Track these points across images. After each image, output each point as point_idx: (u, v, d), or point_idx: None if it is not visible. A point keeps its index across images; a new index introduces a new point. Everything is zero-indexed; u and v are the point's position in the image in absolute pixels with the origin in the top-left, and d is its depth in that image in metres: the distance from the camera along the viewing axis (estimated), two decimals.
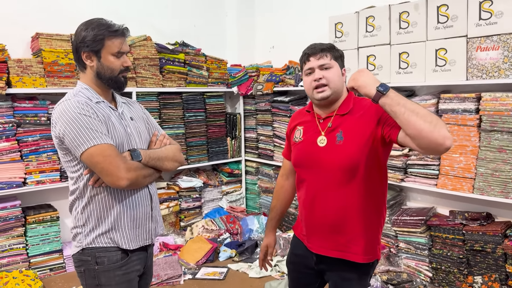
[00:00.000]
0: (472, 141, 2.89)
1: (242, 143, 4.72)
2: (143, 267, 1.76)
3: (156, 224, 1.78)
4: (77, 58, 1.64)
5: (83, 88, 1.64)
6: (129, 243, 1.65)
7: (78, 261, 1.66)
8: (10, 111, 3.24)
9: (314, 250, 1.74)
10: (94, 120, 1.55)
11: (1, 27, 3.35)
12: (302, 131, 1.78)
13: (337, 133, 1.67)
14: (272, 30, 4.69)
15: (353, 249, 1.66)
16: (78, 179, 1.63)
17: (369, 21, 3.39)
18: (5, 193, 3.23)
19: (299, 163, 1.77)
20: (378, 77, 3.34)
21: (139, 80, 3.88)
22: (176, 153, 1.77)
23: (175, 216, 4.24)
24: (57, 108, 1.58)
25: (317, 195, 1.70)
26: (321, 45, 1.72)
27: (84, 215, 1.64)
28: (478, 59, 2.80)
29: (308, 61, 1.71)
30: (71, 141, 1.53)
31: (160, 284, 3.27)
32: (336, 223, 1.67)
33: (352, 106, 1.71)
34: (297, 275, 1.90)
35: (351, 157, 1.62)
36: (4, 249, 3.24)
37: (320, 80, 1.66)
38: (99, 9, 3.85)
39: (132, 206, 1.66)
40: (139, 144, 1.71)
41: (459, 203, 3.19)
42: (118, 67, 1.64)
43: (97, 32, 1.59)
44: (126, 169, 1.54)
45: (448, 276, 3.05)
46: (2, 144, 3.19)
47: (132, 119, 1.74)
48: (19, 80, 3.22)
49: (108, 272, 1.63)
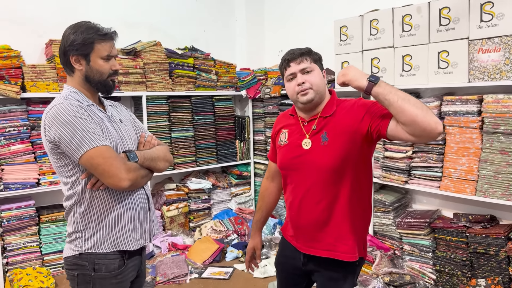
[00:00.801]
0: (474, 143, 2.88)
1: (251, 145, 4.78)
2: (136, 272, 1.78)
3: (153, 224, 1.81)
4: (65, 61, 1.63)
5: (72, 92, 1.64)
6: (130, 244, 1.67)
7: (72, 265, 1.65)
8: (25, 115, 3.39)
9: (303, 250, 1.76)
10: (90, 123, 1.55)
11: (18, 35, 3.52)
12: (287, 134, 1.81)
13: (322, 135, 1.69)
14: (280, 34, 4.75)
15: (341, 248, 1.68)
16: (74, 183, 1.61)
17: (373, 24, 3.41)
18: (20, 193, 3.37)
19: (285, 166, 1.80)
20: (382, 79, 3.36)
21: (149, 84, 3.98)
22: (167, 153, 1.81)
23: (185, 217, 4.33)
24: (49, 113, 1.55)
25: (304, 197, 1.72)
26: (299, 49, 1.74)
27: (84, 220, 1.63)
28: (480, 61, 2.80)
29: (289, 67, 1.73)
30: (68, 144, 1.51)
31: (166, 282, 3.35)
32: (323, 223, 1.69)
33: (336, 108, 1.73)
34: (285, 276, 1.93)
35: (337, 157, 1.64)
36: (18, 247, 3.38)
37: (303, 85, 1.68)
38: (111, 16, 3.99)
39: (131, 207, 1.68)
40: (131, 146, 1.72)
41: (464, 206, 3.18)
42: (107, 70, 1.65)
43: (86, 36, 1.59)
44: (127, 170, 1.56)
45: (452, 279, 3.04)
46: (17, 146, 3.33)
47: (121, 121, 1.76)
48: (33, 85, 3.36)
49: (103, 280, 1.63)
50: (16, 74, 3.28)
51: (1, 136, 3.28)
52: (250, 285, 3.30)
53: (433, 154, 3.11)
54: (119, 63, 3.71)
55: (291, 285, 1.92)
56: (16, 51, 3.29)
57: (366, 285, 3.05)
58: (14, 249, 3.36)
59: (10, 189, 3.32)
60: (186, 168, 4.31)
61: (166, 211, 4.14)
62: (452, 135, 2.99)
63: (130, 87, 3.87)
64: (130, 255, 1.70)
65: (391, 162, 3.34)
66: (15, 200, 3.42)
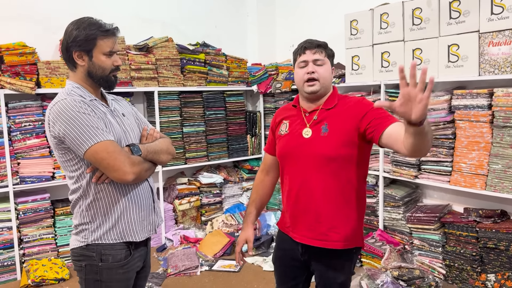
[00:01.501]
0: (484, 137, 2.85)
1: (262, 140, 4.80)
2: (142, 263, 1.82)
3: (157, 216, 1.85)
4: (68, 57, 1.65)
5: (74, 87, 1.65)
6: (136, 235, 1.71)
7: (80, 256, 1.68)
8: (40, 110, 3.47)
9: (299, 239, 1.79)
10: (93, 118, 1.57)
11: (33, 32, 3.60)
12: (288, 124, 1.84)
13: (322, 125, 1.73)
14: (291, 29, 4.75)
15: (333, 237, 1.72)
16: (79, 177, 1.64)
17: (383, 18, 3.40)
18: (35, 186, 3.46)
19: (284, 154, 1.83)
20: (392, 74, 3.36)
21: (161, 80, 4.04)
22: (169, 146, 1.83)
23: (196, 210, 4.39)
24: (53, 109, 1.57)
25: (302, 186, 1.75)
26: (317, 41, 1.79)
27: (90, 212, 1.65)
28: (490, 54, 2.77)
29: (304, 54, 1.77)
30: (73, 140, 1.54)
31: (177, 274, 3.41)
32: (318, 212, 1.73)
33: (337, 102, 1.78)
34: (284, 269, 1.94)
35: (335, 148, 1.68)
36: (34, 239, 3.47)
37: (312, 74, 1.73)
38: (124, 13, 4.05)
39: (136, 200, 1.72)
40: (134, 140, 1.74)
41: (474, 200, 3.16)
42: (110, 66, 1.66)
43: (88, 32, 1.60)
44: (131, 164, 1.58)
45: (462, 274, 3.03)
46: (32, 141, 3.43)
47: (124, 115, 1.79)
48: (47, 80, 3.44)
49: (110, 270, 1.66)
50: (31, 70, 3.37)
51: (17, 131, 3.37)
52: (260, 278, 3.34)
53: (443, 148, 3.09)
54: (131, 59, 3.82)
55: (291, 279, 1.92)
56: (31, 48, 3.38)
57: (375, 279, 3.05)
58: (30, 240, 3.45)
59: (26, 182, 3.41)
60: (198, 163, 4.36)
61: (178, 205, 4.20)
62: (462, 130, 2.97)
63: (142, 83, 3.93)
64: (136, 245, 1.74)
65: (401, 157, 3.33)
66: (30, 193, 3.52)
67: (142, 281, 1.90)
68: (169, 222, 4.20)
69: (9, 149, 3.31)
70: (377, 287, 2.99)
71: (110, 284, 1.68)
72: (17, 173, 3.38)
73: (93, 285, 1.68)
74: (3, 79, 3.25)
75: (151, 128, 1.87)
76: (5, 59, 3.28)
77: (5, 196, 3.39)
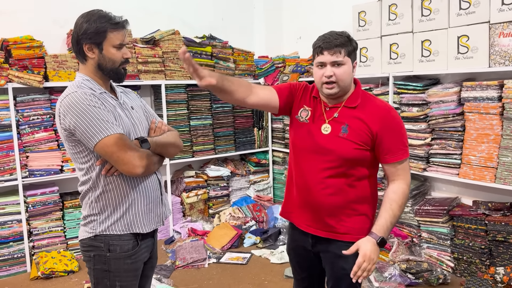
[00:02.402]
0: (494, 129, 2.82)
1: (269, 133, 4.79)
2: (149, 253, 1.84)
3: (165, 208, 1.86)
4: (78, 50, 1.66)
5: (84, 80, 1.66)
6: (144, 227, 1.73)
7: (88, 246, 1.70)
8: (48, 103, 3.49)
9: (304, 228, 1.80)
10: (103, 111, 1.59)
11: (41, 25, 3.61)
12: (310, 113, 1.79)
13: (343, 125, 1.70)
14: (299, 21, 4.71)
15: (342, 230, 1.73)
16: (89, 169, 1.66)
17: (391, 9, 3.36)
18: (44, 179, 3.49)
19: (300, 145, 1.80)
20: (400, 66, 3.33)
21: (167, 73, 4.03)
22: (177, 139, 1.84)
23: (204, 203, 4.40)
24: (63, 101, 1.59)
25: (313, 181, 1.74)
26: (336, 39, 1.67)
27: (99, 204, 1.67)
28: (501, 46, 2.73)
29: (322, 55, 1.69)
30: (83, 133, 1.55)
31: (186, 266, 3.43)
32: (327, 207, 1.72)
33: (360, 101, 1.73)
34: (298, 260, 1.95)
35: (352, 150, 1.67)
36: (44, 231, 3.51)
37: (330, 78, 1.67)
38: (130, 5, 4.04)
39: (144, 192, 1.73)
40: (142, 133, 1.75)
41: (484, 193, 3.13)
42: (119, 59, 1.67)
43: (99, 25, 1.61)
44: (140, 157, 1.60)
45: (470, 267, 3.01)
46: (41, 134, 3.45)
47: (133, 108, 1.80)
48: (55, 74, 3.45)
49: (118, 260, 1.68)
50: (38, 64, 3.38)
51: (26, 124, 3.39)
52: (267, 270, 3.34)
53: (452, 141, 3.06)
54: (138, 52, 3.82)
55: (306, 269, 1.93)
56: (39, 42, 3.39)
57: (383, 272, 3.05)
58: (40, 233, 3.49)
59: (35, 175, 3.44)
60: (205, 156, 4.37)
61: (186, 198, 4.21)
62: (471, 122, 2.94)
63: (149, 76, 3.93)
64: (143, 236, 1.75)
65: (409, 149, 3.29)
66: (40, 186, 3.54)
67: (149, 271, 1.92)
68: (177, 215, 4.21)
69: (17, 143, 3.33)
70: (385, 279, 2.99)
71: (118, 274, 1.70)
72: (26, 166, 3.41)
73: (101, 275, 1.70)
74: (11, 73, 3.26)
75: (159, 121, 1.87)
76: (12, 53, 3.29)
77: (14, 189, 3.42)
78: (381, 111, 1.71)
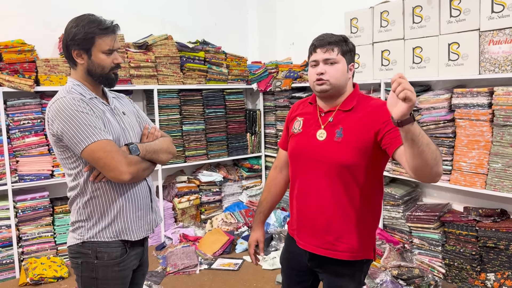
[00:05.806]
0: (484, 136, 2.84)
1: (262, 138, 4.79)
2: (139, 261, 1.81)
3: (156, 215, 1.83)
4: (68, 55, 1.64)
5: (75, 85, 1.65)
6: (132, 234, 1.70)
7: (76, 253, 1.68)
8: (39, 108, 3.46)
9: (301, 246, 1.73)
10: (91, 117, 1.57)
11: (32, 29, 3.59)
12: (302, 123, 1.76)
13: (337, 129, 1.64)
14: (292, 27, 4.73)
15: (340, 247, 1.65)
16: (77, 175, 1.64)
17: (383, 16, 3.38)
18: (34, 184, 3.46)
19: (295, 155, 1.75)
20: (392, 72, 3.34)
21: (160, 77, 4.02)
22: (169, 145, 1.81)
23: (196, 209, 4.38)
24: (52, 106, 1.58)
25: (310, 191, 1.68)
26: (330, 37, 1.66)
27: (87, 210, 1.65)
28: (491, 53, 2.75)
29: (315, 53, 1.67)
30: (70, 138, 1.54)
31: (176, 273, 3.40)
32: (325, 221, 1.65)
33: (356, 103, 1.67)
34: (290, 272, 1.88)
35: (348, 156, 1.60)
36: (33, 237, 3.47)
37: (321, 75, 1.64)
38: (122, 10, 4.04)
39: (133, 199, 1.71)
40: (133, 138, 1.73)
41: (474, 199, 3.15)
42: (109, 64, 1.65)
43: (87, 30, 1.58)
44: (128, 164, 1.57)
45: (461, 273, 3.02)
46: (31, 139, 3.42)
47: (124, 113, 1.77)
48: (46, 78, 3.43)
49: (106, 268, 1.66)
50: (30, 68, 3.36)
51: (16, 129, 3.36)
52: (259, 277, 3.33)
53: (443, 147, 3.08)
54: (130, 57, 3.81)
55: (296, 283, 1.86)
56: (30, 45, 3.36)
57: (374, 278, 3.04)
58: (29, 239, 3.45)
59: (25, 180, 3.41)
60: (197, 161, 4.36)
61: (178, 203, 4.20)
62: (462, 128, 2.96)
63: (142, 81, 3.92)
64: (132, 244, 1.73)
65: None
66: (29, 191, 3.51)
67: (140, 279, 1.89)
68: (169, 221, 4.19)
69: (7, 147, 3.30)
70: (377, 286, 2.98)
71: (106, 281, 1.68)
72: (16, 171, 3.38)
73: (89, 282, 1.68)
74: (2, 77, 3.24)
75: (152, 126, 1.85)
76: (3, 57, 3.27)
77: (3, 194, 3.39)
78: (376, 107, 1.63)
